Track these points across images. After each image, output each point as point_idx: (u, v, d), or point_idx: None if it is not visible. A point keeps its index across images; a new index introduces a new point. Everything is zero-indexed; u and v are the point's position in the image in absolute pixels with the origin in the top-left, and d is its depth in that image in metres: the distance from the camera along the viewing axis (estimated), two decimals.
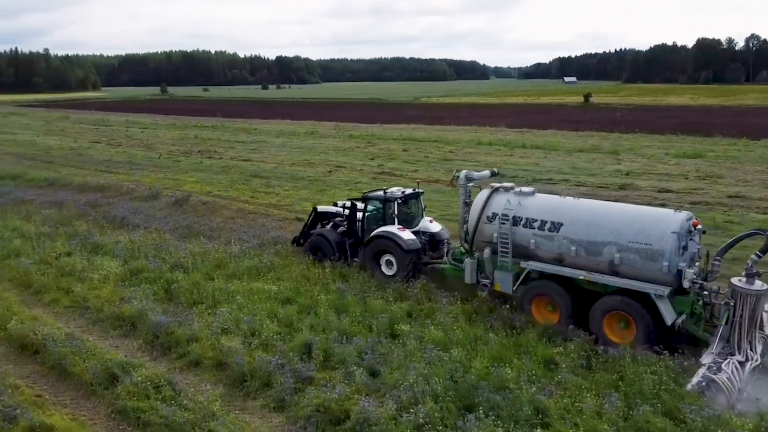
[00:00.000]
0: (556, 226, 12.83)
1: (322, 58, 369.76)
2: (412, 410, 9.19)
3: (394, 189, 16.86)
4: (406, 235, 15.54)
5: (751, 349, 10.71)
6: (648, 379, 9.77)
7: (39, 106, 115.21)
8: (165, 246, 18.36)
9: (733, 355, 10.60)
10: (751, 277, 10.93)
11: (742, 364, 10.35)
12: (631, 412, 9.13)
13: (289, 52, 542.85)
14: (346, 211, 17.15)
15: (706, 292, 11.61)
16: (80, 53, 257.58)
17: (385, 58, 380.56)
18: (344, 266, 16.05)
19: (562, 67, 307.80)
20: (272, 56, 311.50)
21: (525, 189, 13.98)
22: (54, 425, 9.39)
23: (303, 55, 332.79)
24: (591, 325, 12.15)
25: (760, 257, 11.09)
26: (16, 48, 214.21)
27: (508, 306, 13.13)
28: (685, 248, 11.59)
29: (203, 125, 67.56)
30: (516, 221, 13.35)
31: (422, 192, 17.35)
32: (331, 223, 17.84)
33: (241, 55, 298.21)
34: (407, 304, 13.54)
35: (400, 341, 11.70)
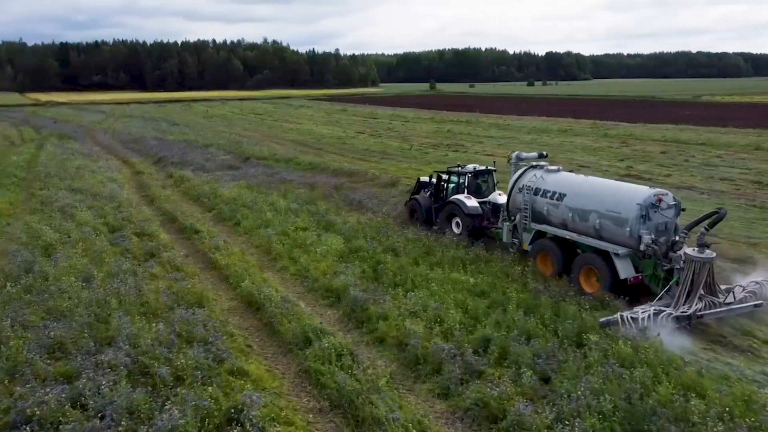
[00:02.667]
0: (561, 197, 15.51)
1: (594, 54, 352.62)
2: (568, 422, 8.61)
3: (469, 165, 20.38)
4: (471, 202, 18.88)
5: (685, 305, 12.42)
6: None
7: (325, 100, 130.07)
8: (385, 230, 19.61)
9: (668, 307, 12.43)
10: (701, 246, 12.72)
11: (660, 313, 12.11)
12: None
13: (560, 48, 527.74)
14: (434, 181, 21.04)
15: (669, 258, 13.40)
16: (365, 53, 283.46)
17: (667, 53, 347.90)
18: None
19: None
20: (542, 52, 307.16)
21: (551, 167, 16.63)
22: (250, 372, 10.80)
23: (575, 51, 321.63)
24: (571, 277, 14.76)
25: (707, 230, 13.09)
26: (313, 49, 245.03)
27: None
28: (646, 218, 13.66)
29: (459, 120, 69.72)
30: (536, 192, 16.22)
31: (494, 169, 20.53)
32: (429, 192, 21.27)
33: (510, 52, 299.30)
34: (603, 314, 12.55)
35: (582, 351, 10.95)
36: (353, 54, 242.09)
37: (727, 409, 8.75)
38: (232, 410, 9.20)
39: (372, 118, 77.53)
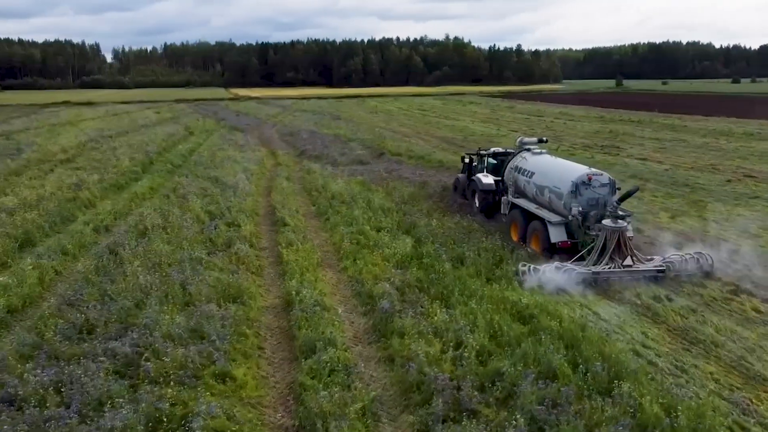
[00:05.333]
0: (532, 175, 18.25)
1: None
2: None
3: (491, 149, 23.76)
4: (486, 179, 21.50)
5: (594, 264, 14.95)
6: None
7: (497, 97, 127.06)
8: (463, 236, 18.17)
9: (579, 265, 14.90)
10: (614, 218, 15.19)
11: (561, 267, 14.60)
12: None
13: None
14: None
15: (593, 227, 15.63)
16: (551, 48, 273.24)
17: None
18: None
19: None
20: (755, 45, 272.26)
21: (537, 150, 19.57)
22: (234, 376, 10.30)
23: None
24: (527, 240, 17.43)
25: (619, 203, 15.50)
26: (493, 45, 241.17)
27: None
28: (577, 193, 15.99)
29: (630, 119, 63.96)
30: (518, 171, 19.16)
31: (513, 151, 21.58)
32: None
33: (716, 46, 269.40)
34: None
35: (601, 402, 8.94)
36: (536, 50, 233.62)
37: None
38: (179, 418, 8.80)
39: (536, 116, 74.01)
